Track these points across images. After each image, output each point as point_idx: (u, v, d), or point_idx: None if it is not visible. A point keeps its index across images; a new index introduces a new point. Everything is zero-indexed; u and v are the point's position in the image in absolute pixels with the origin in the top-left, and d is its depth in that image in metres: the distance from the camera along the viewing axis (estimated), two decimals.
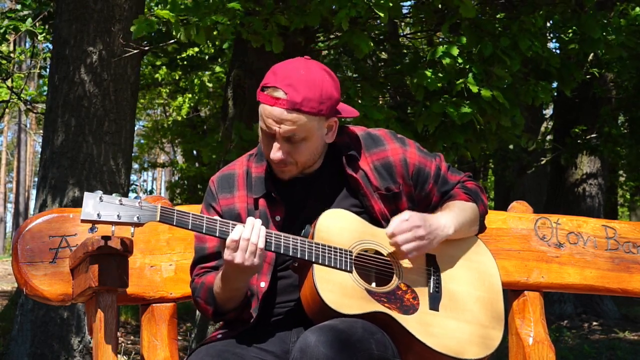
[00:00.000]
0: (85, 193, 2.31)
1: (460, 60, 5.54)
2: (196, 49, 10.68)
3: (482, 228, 2.74)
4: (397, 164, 2.63)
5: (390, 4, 5.22)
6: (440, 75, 5.54)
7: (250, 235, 2.37)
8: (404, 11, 8.64)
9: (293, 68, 2.49)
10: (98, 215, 2.29)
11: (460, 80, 5.52)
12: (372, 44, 5.57)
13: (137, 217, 2.33)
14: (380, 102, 7.28)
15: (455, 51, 5.47)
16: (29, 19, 7.40)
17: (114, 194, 2.33)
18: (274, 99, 2.44)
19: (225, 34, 5.25)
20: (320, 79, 2.48)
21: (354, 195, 2.60)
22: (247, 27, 5.31)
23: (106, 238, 2.42)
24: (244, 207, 2.59)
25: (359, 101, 5.76)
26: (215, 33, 5.37)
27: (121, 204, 2.32)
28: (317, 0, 5.23)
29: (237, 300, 2.51)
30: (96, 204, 2.29)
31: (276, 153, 2.49)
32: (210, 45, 10.40)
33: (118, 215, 2.31)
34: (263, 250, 2.39)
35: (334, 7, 5.31)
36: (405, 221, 2.50)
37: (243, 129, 6.02)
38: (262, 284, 2.53)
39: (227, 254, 2.38)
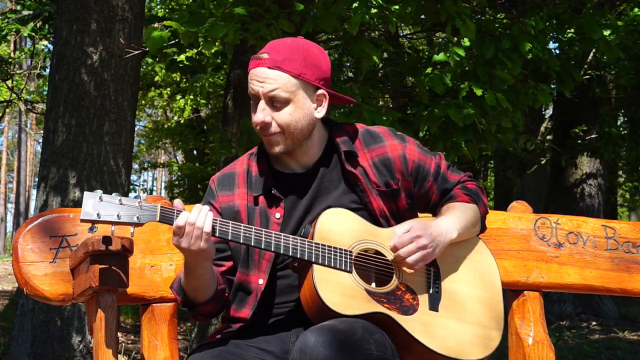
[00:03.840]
0: (85, 192, 2.30)
1: (465, 62, 5.55)
2: (195, 50, 10.66)
3: (482, 228, 2.74)
4: (396, 160, 2.64)
5: (398, 12, 5.27)
6: (445, 76, 5.54)
7: (195, 220, 2.37)
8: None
9: (282, 39, 2.59)
10: (98, 215, 2.28)
11: (465, 84, 5.53)
12: (382, 54, 5.62)
13: (137, 217, 2.33)
14: (380, 103, 7.28)
15: (462, 52, 5.48)
16: (31, 24, 7.40)
17: (114, 194, 2.33)
18: (258, 60, 2.51)
19: (234, 41, 5.30)
20: (305, 46, 2.54)
21: (353, 191, 2.61)
22: (254, 34, 5.35)
23: (106, 238, 2.42)
24: (244, 204, 2.59)
25: (365, 107, 5.74)
26: (224, 41, 5.43)
27: (121, 204, 2.32)
28: (322, 4, 5.25)
29: (203, 291, 2.51)
30: (96, 204, 2.29)
31: (259, 114, 2.51)
32: (212, 52, 10.42)
33: (118, 215, 2.31)
34: (209, 235, 2.38)
35: (345, 11, 5.34)
36: (406, 233, 2.49)
37: (251, 127, 6.03)
38: (260, 281, 2.54)
39: (174, 240, 2.39)
